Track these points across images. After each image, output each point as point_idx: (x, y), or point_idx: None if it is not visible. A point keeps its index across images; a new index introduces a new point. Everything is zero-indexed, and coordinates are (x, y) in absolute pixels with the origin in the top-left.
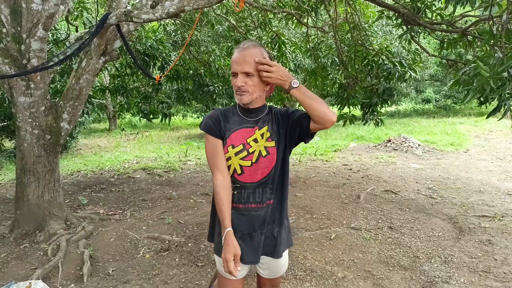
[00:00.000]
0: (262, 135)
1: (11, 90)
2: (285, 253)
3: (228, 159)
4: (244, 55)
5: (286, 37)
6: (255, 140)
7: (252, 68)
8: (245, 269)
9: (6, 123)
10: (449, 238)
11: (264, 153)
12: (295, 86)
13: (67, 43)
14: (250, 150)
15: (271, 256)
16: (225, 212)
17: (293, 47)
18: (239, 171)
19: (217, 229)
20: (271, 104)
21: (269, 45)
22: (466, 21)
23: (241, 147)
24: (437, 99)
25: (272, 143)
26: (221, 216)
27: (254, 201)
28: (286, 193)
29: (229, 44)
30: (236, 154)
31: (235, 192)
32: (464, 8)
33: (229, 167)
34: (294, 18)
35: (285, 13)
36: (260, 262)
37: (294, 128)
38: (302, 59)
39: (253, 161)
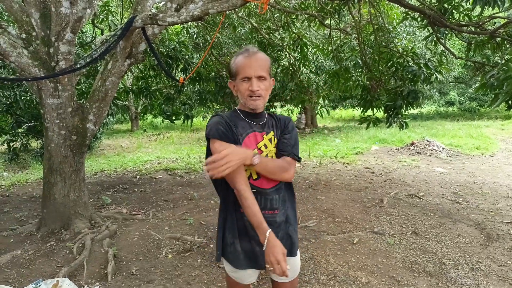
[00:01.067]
0: (270, 140)
1: (40, 91)
2: (298, 251)
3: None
4: (256, 59)
5: (308, 39)
6: (265, 146)
7: (265, 71)
8: (255, 275)
9: (33, 124)
10: (477, 244)
11: (274, 158)
12: (256, 163)
13: (92, 45)
14: (262, 155)
15: (289, 255)
16: (259, 215)
17: (315, 49)
18: (254, 176)
19: (229, 239)
20: (288, 106)
21: (291, 47)
22: (495, 23)
23: (255, 151)
24: (461, 102)
25: None
26: (256, 220)
27: (271, 207)
28: (293, 196)
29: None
30: None
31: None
32: (492, 9)
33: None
34: (317, 20)
35: (307, 15)
36: None
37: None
38: (323, 61)
39: None
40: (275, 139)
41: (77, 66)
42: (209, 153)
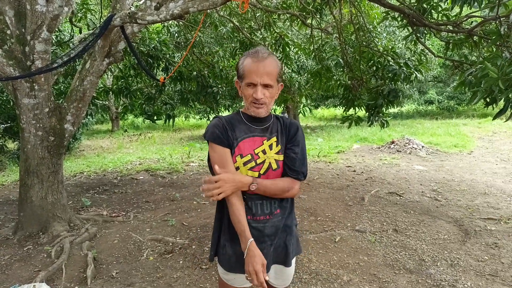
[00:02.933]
0: (270, 146)
1: (15, 91)
2: (294, 260)
3: (237, 168)
4: (265, 66)
5: (290, 39)
6: (263, 151)
7: (272, 79)
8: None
9: (9, 125)
10: (455, 241)
11: (274, 166)
12: (253, 189)
13: (70, 44)
14: (258, 161)
15: (283, 265)
16: (244, 222)
17: (297, 49)
18: None
19: (222, 241)
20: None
21: (273, 46)
22: (472, 22)
23: (249, 157)
24: (440, 100)
25: (282, 157)
26: (239, 227)
27: (263, 213)
28: (293, 200)
29: (233, 45)
30: (245, 164)
31: (247, 203)
32: (470, 8)
33: None
34: (298, 19)
35: (289, 15)
36: (272, 272)
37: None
38: (305, 61)
39: (261, 172)
40: (278, 146)
41: (54, 65)
42: (209, 158)
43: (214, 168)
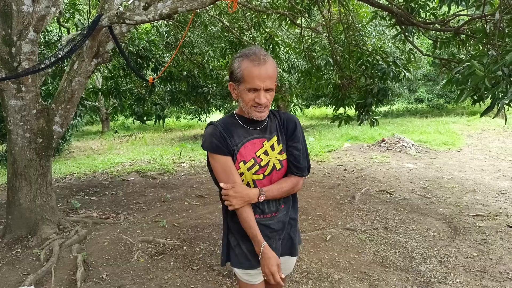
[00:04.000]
0: (272, 146)
1: (1, 93)
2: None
3: (241, 174)
4: (267, 70)
5: (280, 38)
6: (266, 153)
7: (274, 83)
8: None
9: None
10: (444, 238)
11: (278, 166)
12: (262, 200)
13: (58, 45)
14: (262, 164)
15: (289, 255)
16: (255, 226)
17: (287, 49)
18: (252, 185)
19: (232, 242)
20: None
21: (263, 46)
22: (459, 20)
23: (252, 161)
24: (429, 99)
25: (284, 155)
26: (251, 232)
27: (269, 211)
28: (296, 195)
29: (223, 45)
30: (249, 169)
31: (255, 204)
32: (458, 7)
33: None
34: (288, 19)
35: (279, 14)
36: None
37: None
38: (295, 60)
39: (265, 174)
40: (280, 145)
41: (42, 66)
42: (209, 163)
43: (219, 183)
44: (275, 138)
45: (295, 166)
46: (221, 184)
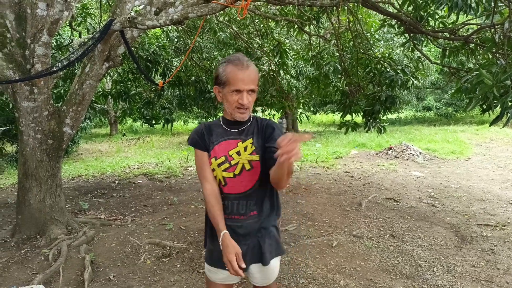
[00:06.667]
0: (245, 148)
1: (14, 94)
2: (276, 261)
3: (213, 170)
4: (250, 73)
5: (288, 45)
6: (238, 153)
7: (255, 85)
8: (232, 276)
9: (8, 128)
10: (451, 247)
11: (247, 166)
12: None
13: (70, 48)
14: (233, 162)
15: (260, 263)
16: (218, 217)
17: (295, 56)
18: (223, 183)
19: (208, 237)
20: (269, 111)
21: (270, 53)
22: (468, 29)
23: (223, 158)
24: (438, 107)
25: (257, 157)
26: (214, 222)
27: (238, 213)
28: (275, 204)
29: (231, 52)
30: (219, 165)
31: (223, 202)
32: (467, 16)
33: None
34: (296, 26)
35: (287, 21)
36: (251, 271)
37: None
38: (303, 67)
39: (236, 173)
40: (253, 147)
41: (54, 69)
42: None
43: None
44: (250, 140)
45: (270, 162)
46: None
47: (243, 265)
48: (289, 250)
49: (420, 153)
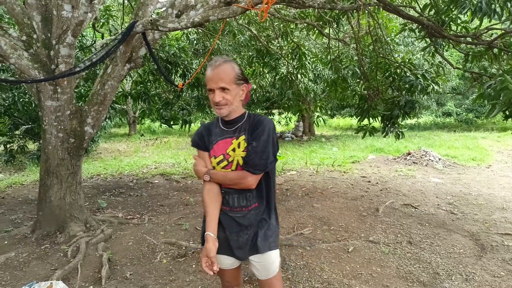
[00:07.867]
0: (239, 144)
1: (39, 94)
2: (275, 253)
3: (213, 168)
4: (218, 72)
5: (307, 48)
6: (234, 150)
7: (226, 83)
8: (232, 261)
9: (30, 126)
10: (471, 255)
11: (241, 162)
12: (207, 179)
13: (92, 49)
14: (230, 160)
15: (259, 253)
16: (208, 216)
17: (314, 59)
18: None
19: (201, 231)
20: (286, 114)
21: (289, 55)
22: (492, 34)
23: (221, 157)
24: (458, 113)
25: None
26: (206, 219)
27: (239, 206)
28: (272, 197)
29: (250, 54)
30: (218, 163)
31: (224, 197)
32: (490, 21)
33: None
34: (315, 29)
35: (307, 24)
36: (252, 262)
37: None
38: (322, 70)
39: (233, 169)
40: (245, 143)
41: (77, 69)
42: None
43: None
44: (243, 137)
45: (244, 160)
46: (192, 154)
47: (215, 268)
48: (304, 254)
49: (440, 159)
